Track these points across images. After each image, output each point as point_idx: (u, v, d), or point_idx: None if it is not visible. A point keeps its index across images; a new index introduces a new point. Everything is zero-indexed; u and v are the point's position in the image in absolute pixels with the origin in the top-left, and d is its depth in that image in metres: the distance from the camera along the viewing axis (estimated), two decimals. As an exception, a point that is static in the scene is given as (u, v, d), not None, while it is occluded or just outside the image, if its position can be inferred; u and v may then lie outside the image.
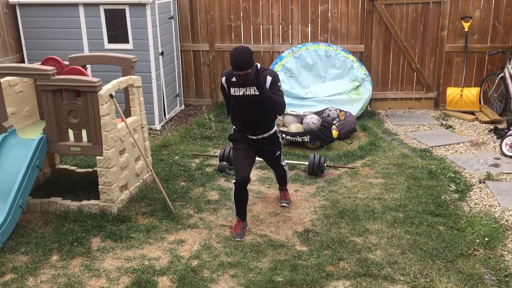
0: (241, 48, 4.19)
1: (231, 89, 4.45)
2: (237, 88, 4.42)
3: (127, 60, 5.37)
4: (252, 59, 4.18)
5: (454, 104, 8.25)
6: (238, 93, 4.43)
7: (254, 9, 8.43)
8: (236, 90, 4.43)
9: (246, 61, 4.14)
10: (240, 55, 4.13)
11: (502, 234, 4.54)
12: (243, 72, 4.19)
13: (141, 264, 4.19)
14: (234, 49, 4.20)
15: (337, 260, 4.21)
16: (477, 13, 8.08)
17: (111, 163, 4.86)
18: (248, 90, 4.38)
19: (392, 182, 5.71)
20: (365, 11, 8.19)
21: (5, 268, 4.13)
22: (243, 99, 4.43)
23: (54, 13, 7.35)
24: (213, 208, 5.17)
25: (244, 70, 4.17)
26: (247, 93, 4.39)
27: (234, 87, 4.43)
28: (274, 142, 4.77)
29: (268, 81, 4.34)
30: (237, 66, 4.16)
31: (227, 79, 4.46)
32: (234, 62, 4.15)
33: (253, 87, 4.34)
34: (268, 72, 4.40)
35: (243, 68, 4.16)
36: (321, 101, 7.90)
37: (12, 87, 5.26)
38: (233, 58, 4.15)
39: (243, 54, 4.14)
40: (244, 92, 4.40)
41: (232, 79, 4.41)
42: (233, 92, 4.45)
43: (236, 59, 4.13)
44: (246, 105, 4.46)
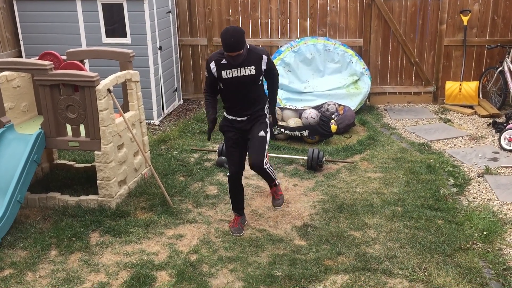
0: (233, 29, 4.06)
1: (222, 72, 4.22)
2: (229, 70, 4.21)
3: (125, 55, 5.34)
4: (244, 39, 4.06)
5: (453, 98, 8.24)
6: (230, 75, 4.22)
7: (253, 3, 8.40)
8: (228, 73, 4.21)
9: (239, 41, 4.01)
10: (232, 35, 4.00)
11: (500, 228, 4.55)
12: (236, 53, 4.07)
13: (140, 259, 4.19)
14: (225, 30, 4.06)
15: (336, 254, 4.21)
16: (476, 7, 8.06)
17: (110, 158, 4.85)
18: (243, 70, 4.20)
19: (390, 176, 5.71)
20: (363, 5, 8.16)
21: (4, 263, 4.13)
22: (236, 80, 4.23)
23: (51, 7, 7.31)
24: (212, 202, 5.17)
25: (237, 50, 4.05)
26: (241, 74, 4.20)
27: (226, 69, 4.21)
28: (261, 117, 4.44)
29: (264, 60, 4.24)
30: (230, 47, 4.03)
31: (217, 63, 4.23)
32: (227, 43, 4.01)
33: (248, 66, 4.19)
34: (260, 51, 4.29)
35: (236, 48, 4.03)
36: (320, 96, 7.89)
37: (10, 82, 5.23)
38: (225, 39, 4.01)
39: (235, 34, 4.01)
40: (238, 73, 4.21)
41: (222, 61, 4.21)
42: (224, 75, 4.22)
43: (229, 39, 3.99)
44: (239, 87, 4.27)
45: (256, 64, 4.22)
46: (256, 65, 4.22)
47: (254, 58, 4.21)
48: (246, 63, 4.19)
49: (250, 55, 4.21)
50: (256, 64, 4.22)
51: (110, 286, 3.86)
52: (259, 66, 4.24)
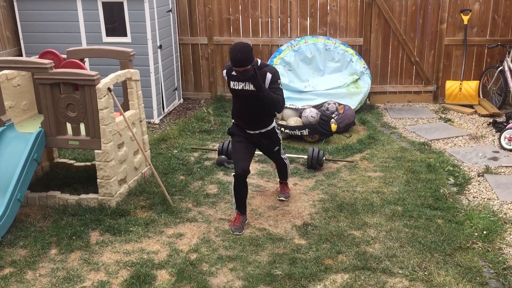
0: (241, 45, 4.17)
1: (231, 83, 4.47)
2: (237, 82, 4.42)
3: (125, 54, 5.34)
4: (251, 55, 4.17)
5: (453, 98, 8.24)
6: (237, 87, 4.44)
7: (253, 2, 8.39)
8: (236, 84, 4.43)
9: (246, 57, 4.13)
10: (240, 51, 4.12)
11: (500, 227, 4.55)
12: (243, 69, 4.19)
13: (140, 257, 4.20)
14: (233, 45, 4.18)
15: (336, 254, 4.21)
16: (477, 6, 8.06)
17: (110, 157, 4.85)
18: (247, 85, 4.37)
19: (390, 176, 5.71)
20: (364, 4, 8.15)
21: (4, 262, 4.13)
22: (242, 93, 4.44)
23: (52, 6, 7.31)
24: (212, 201, 5.17)
25: (243, 66, 4.16)
26: (246, 88, 4.39)
27: (234, 81, 4.44)
28: (273, 137, 4.77)
29: (268, 79, 4.32)
30: (236, 63, 4.15)
31: (228, 73, 4.48)
32: (234, 59, 4.14)
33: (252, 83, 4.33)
34: (268, 69, 4.37)
35: (242, 64, 4.15)
36: (320, 95, 7.89)
37: (10, 80, 5.23)
38: (232, 55, 4.14)
39: (242, 50, 4.13)
40: (243, 87, 4.40)
41: (232, 72, 4.42)
42: (232, 86, 4.47)
43: (236, 55, 4.12)
44: (245, 100, 4.46)
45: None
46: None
47: (259, 75, 4.28)
48: (250, 79, 4.27)
49: (258, 71, 4.29)
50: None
51: (110, 284, 3.87)
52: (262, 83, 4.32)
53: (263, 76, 4.32)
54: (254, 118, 4.59)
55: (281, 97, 4.37)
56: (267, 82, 4.32)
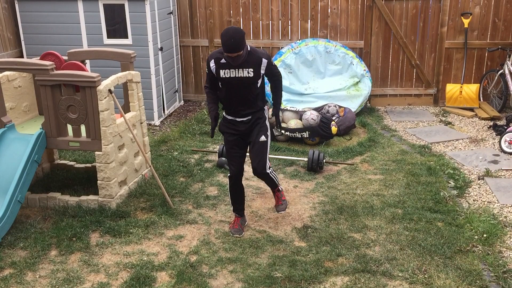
0: (233, 29, 4.04)
1: (221, 71, 4.23)
2: (227, 70, 4.21)
3: (126, 55, 5.35)
4: (244, 40, 4.05)
5: (454, 101, 8.24)
6: (228, 75, 4.22)
7: (254, 5, 8.41)
8: (226, 72, 4.22)
9: (239, 42, 3.99)
10: (233, 36, 3.98)
11: (500, 231, 4.54)
12: (235, 54, 4.05)
13: (140, 259, 4.19)
14: (225, 30, 4.04)
15: (336, 256, 4.21)
16: (477, 10, 8.07)
17: (110, 159, 4.86)
18: (241, 71, 4.19)
19: (391, 178, 5.71)
20: (364, 7, 8.17)
21: (4, 263, 4.13)
22: (234, 81, 4.23)
23: (53, 8, 7.32)
24: (212, 203, 5.17)
25: (236, 52, 4.03)
26: (239, 75, 4.20)
27: (225, 69, 4.22)
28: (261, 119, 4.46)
29: (263, 64, 4.21)
30: (229, 48, 4.01)
31: (216, 61, 4.24)
32: (226, 44, 3.99)
33: (247, 68, 4.18)
34: (261, 54, 4.25)
35: (236, 49, 4.01)
36: (320, 97, 7.89)
37: (11, 82, 5.24)
38: (225, 40, 3.99)
39: (235, 35, 3.99)
40: (236, 74, 4.20)
41: (221, 60, 4.22)
42: (222, 75, 4.22)
43: (229, 40, 3.98)
44: (237, 87, 4.27)
45: (255, 67, 4.20)
46: (255, 68, 4.20)
47: (253, 61, 4.19)
48: (245, 65, 4.17)
49: (250, 57, 4.18)
50: (255, 67, 4.20)
51: (110, 286, 3.86)
52: (258, 69, 4.21)
53: (258, 62, 4.19)
54: (245, 104, 4.36)
55: (279, 78, 4.45)
56: (263, 67, 4.22)
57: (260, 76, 4.27)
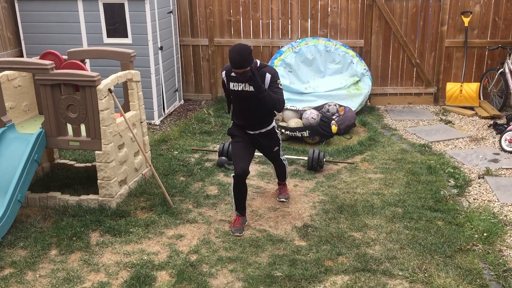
0: (240, 46, 4.19)
1: (231, 84, 4.47)
2: (236, 83, 4.44)
3: (126, 55, 5.35)
4: (250, 57, 4.18)
5: (454, 100, 8.24)
6: (237, 88, 4.45)
7: (254, 4, 8.40)
8: (235, 85, 4.45)
9: (244, 59, 4.14)
10: (239, 53, 4.14)
11: (500, 229, 4.54)
12: (242, 70, 4.20)
13: (140, 258, 4.19)
14: (233, 47, 4.20)
15: (336, 255, 4.21)
16: (477, 8, 8.06)
17: (110, 158, 4.85)
18: (247, 86, 4.39)
19: (391, 177, 5.71)
20: (365, 6, 8.16)
21: (4, 262, 4.13)
22: (242, 94, 4.45)
23: (53, 7, 7.32)
24: (212, 203, 5.17)
25: (242, 68, 4.18)
26: (246, 89, 4.41)
27: (234, 82, 4.45)
28: (273, 137, 4.79)
29: (267, 79, 4.35)
30: (235, 64, 4.17)
31: (227, 74, 4.49)
32: (233, 60, 4.16)
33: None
34: (267, 69, 4.39)
35: (242, 66, 4.17)
36: (320, 96, 7.89)
37: (11, 81, 5.24)
38: (232, 56, 4.16)
39: (241, 52, 4.15)
40: (243, 88, 4.42)
41: (231, 73, 4.43)
42: (232, 87, 4.47)
43: (235, 57, 4.14)
44: (245, 100, 4.47)
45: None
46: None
47: (259, 76, 4.29)
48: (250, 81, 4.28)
49: (258, 72, 4.30)
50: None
51: (110, 285, 3.86)
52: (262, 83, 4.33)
53: (262, 77, 4.34)
54: (254, 119, 4.60)
55: (281, 97, 4.38)
56: (266, 82, 4.34)
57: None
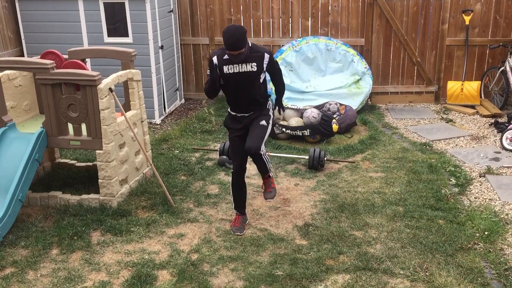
0: (234, 27, 4.10)
1: (224, 67, 4.27)
2: (231, 66, 4.25)
3: (127, 54, 5.35)
4: (245, 38, 4.12)
5: (455, 98, 8.23)
6: (231, 71, 4.27)
7: (254, 3, 8.40)
8: (230, 68, 4.26)
9: (240, 40, 4.06)
10: (234, 34, 4.04)
11: (502, 228, 4.54)
12: (237, 52, 4.11)
13: (141, 258, 4.20)
14: (227, 28, 4.10)
15: (337, 254, 4.21)
16: (478, 7, 8.05)
17: (111, 157, 4.86)
18: (244, 66, 4.25)
19: (392, 176, 5.70)
20: (365, 4, 8.15)
21: (5, 262, 4.13)
22: (237, 76, 4.28)
23: (53, 6, 7.32)
24: (213, 202, 5.17)
25: (238, 49, 4.09)
26: (243, 69, 4.26)
27: (228, 65, 4.26)
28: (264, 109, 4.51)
29: (266, 59, 4.29)
30: (231, 46, 4.07)
31: (219, 58, 4.28)
32: (228, 42, 4.06)
33: (250, 63, 4.24)
34: (263, 49, 4.34)
35: (238, 47, 4.08)
36: (321, 95, 7.88)
37: (12, 81, 5.24)
38: (226, 38, 4.06)
39: (236, 33, 4.05)
40: (239, 69, 4.26)
41: (224, 57, 4.27)
42: (226, 70, 4.27)
43: (230, 38, 4.04)
44: (239, 83, 4.32)
45: (258, 61, 4.27)
46: (258, 62, 4.28)
47: (256, 56, 4.27)
48: (248, 60, 4.24)
49: (252, 53, 4.26)
50: (258, 62, 4.28)
51: (111, 285, 3.87)
52: (261, 64, 4.29)
53: (261, 57, 4.26)
54: (250, 100, 4.42)
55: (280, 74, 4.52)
56: (265, 62, 4.28)
57: (262, 70, 4.34)
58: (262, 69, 4.31)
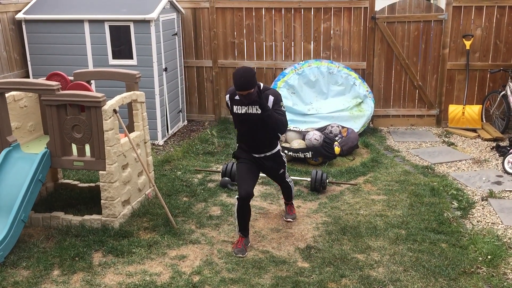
0: (244, 69, 4.27)
1: (234, 107, 4.51)
2: (240, 106, 4.47)
3: (131, 76, 5.41)
4: (254, 79, 4.25)
5: (456, 122, 8.27)
6: (240, 111, 4.48)
7: (257, 26, 8.51)
8: (239, 108, 4.48)
9: (249, 81, 4.20)
10: (243, 75, 4.20)
11: (505, 252, 4.52)
12: (246, 92, 4.26)
13: (143, 279, 4.18)
14: (237, 70, 4.27)
15: (339, 277, 4.19)
16: (479, 32, 8.14)
17: (114, 178, 4.87)
18: (250, 108, 4.43)
19: (394, 199, 5.70)
20: (367, 28, 8.26)
21: (7, 282, 4.12)
22: (245, 117, 4.48)
23: (59, 29, 7.43)
24: (215, 223, 5.16)
25: (246, 90, 4.23)
26: (250, 111, 4.44)
27: (237, 105, 4.49)
28: (278, 160, 4.81)
29: (270, 101, 4.40)
30: (239, 86, 4.23)
31: (231, 97, 4.53)
32: (237, 82, 4.22)
33: (255, 106, 4.39)
34: (270, 91, 4.46)
35: (246, 88, 4.22)
36: (323, 118, 7.93)
37: (17, 102, 5.30)
38: (236, 79, 4.22)
39: (245, 74, 4.21)
40: (246, 110, 4.45)
41: (235, 97, 4.48)
42: (235, 110, 4.51)
43: (239, 79, 4.20)
44: (249, 123, 4.50)
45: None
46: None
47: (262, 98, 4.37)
48: (254, 102, 4.37)
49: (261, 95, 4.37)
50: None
51: (112, 306, 3.84)
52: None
53: (265, 99, 4.38)
54: (259, 142, 4.62)
55: (284, 119, 4.43)
56: (269, 104, 4.39)
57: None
58: None
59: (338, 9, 8.27)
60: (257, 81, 4.35)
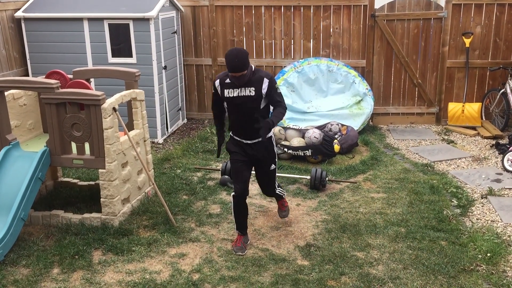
0: (237, 50, 4.19)
1: (225, 91, 4.36)
2: (232, 89, 4.33)
3: (131, 74, 5.41)
4: (247, 60, 4.18)
5: (456, 119, 8.26)
6: (232, 94, 4.34)
7: (257, 24, 8.51)
8: (231, 92, 4.34)
9: (242, 62, 4.13)
10: (236, 56, 4.12)
11: (504, 250, 4.52)
12: (240, 74, 4.18)
13: (142, 277, 4.18)
14: (229, 51, 4.19)
15: (339, 275, 4.19)
16: (478, 29, 8.14)
17: (114, 176, 4.87)
18: (243, 91, 4.31)
19: (394, 197, 5.70)
20: (366, 26, 8.25)
21: (6, 281, 4.12)
22: (238, 100, 4.35)
23: (58, 27, 7.42)
24: (215, 221, 5.17)
25: (240, 71, 4.16)
26: (242, 94, 4.32)
27: (229, 89, 4.34)
28: (270, 148, 4.62)
29: (265, 83, 4.30)
30: (233, 68, 4.15)
31: (221, 82, 4.37)
32: (231, 64, 4.13)
33: (249, 87, 4.29)
34: (264, 73, 4.35)
35: (240, 69, 4.15)
36: (323, 116, 7.93)
37: (16, 100, 5.29)
38: (229, 60, 4.13)
39: (239, 55, 4.13)
40: (239, 93, 4.32)
41: (226, 80, 4.35)
42: (227, 94, 4.36)
43: (233, 60, 4.12)
44: (241, 107, 4.37)
45: (256, 85, 4.30)
46: (256, 87, 4.30)
47: (255, 80, 4.30)
48: (247, 84, 4.29)
49: (253, 77, 4.30)
50: (256, 86, 4.30)
51: (112, 304, 3.85)
52: (259, 88, 4.30)
53: (259, 81, 4.29)
54: (251, 126, 4.42)
55: (283, 104, 4.41)
56: (264, 87, 4.30)
57: (261, 96, 4.34)
58: (261, 94, 4.32)
59: (337, 7, 8.27)
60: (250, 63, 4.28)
